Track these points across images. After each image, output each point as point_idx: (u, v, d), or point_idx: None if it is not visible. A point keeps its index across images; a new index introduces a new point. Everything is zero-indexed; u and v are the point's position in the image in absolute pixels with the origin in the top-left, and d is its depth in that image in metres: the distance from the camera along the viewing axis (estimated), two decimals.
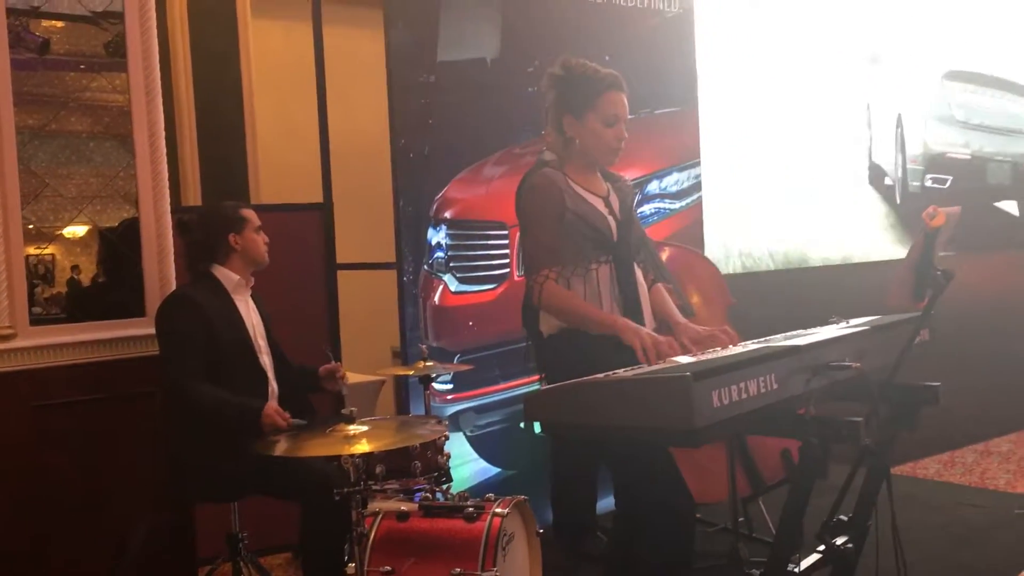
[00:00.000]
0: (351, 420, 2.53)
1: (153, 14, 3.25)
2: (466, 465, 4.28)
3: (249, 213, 3.15)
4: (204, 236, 3.07)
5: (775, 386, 1.89)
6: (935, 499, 4.58)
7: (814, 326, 2.67)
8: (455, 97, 4.18)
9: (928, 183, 6.70)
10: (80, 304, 3.35)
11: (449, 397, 4.23)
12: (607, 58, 4.66)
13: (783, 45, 5.96)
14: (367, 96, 4.70)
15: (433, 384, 4.14)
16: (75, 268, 3.49)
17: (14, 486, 2.98)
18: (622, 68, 4.60)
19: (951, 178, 6.82)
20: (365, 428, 2.53)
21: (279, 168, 5.77)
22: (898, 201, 6.55)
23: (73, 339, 3.10)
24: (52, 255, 3.62)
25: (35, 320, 3.06)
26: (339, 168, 5.09)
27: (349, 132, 5.22)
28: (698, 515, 4.00)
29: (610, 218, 2.68)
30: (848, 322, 2.55)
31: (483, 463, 4.31)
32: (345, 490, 2.47)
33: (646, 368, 1.89)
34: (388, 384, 4.89)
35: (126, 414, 3.15)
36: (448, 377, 4.14)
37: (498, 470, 4.35)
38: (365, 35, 4.93)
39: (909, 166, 6.60)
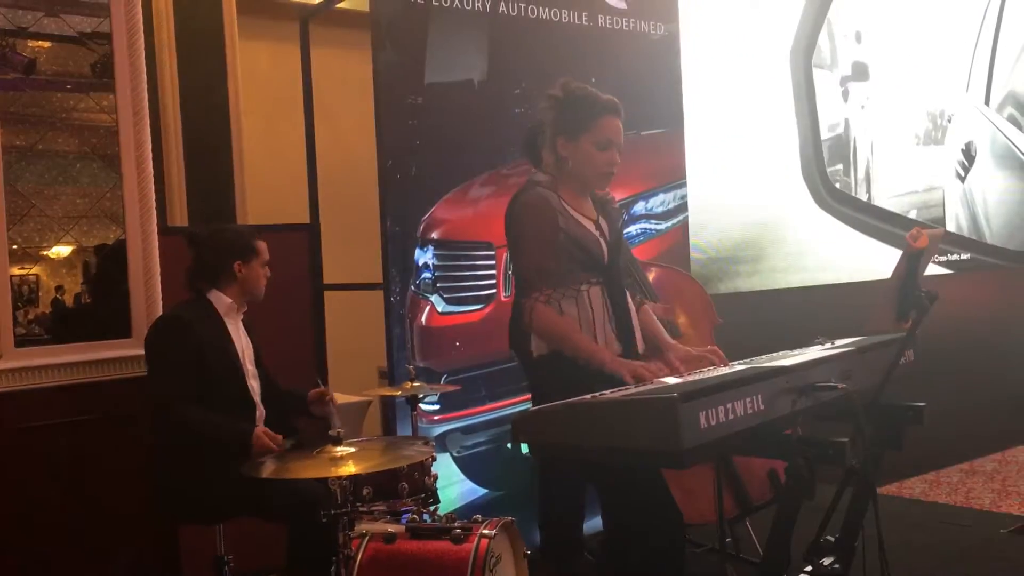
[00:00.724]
0: (338, 442, 2.52)
1: (141, 35, 3.27)
2: (453, 486, 4.26)
3: (261, 246, 3.15)
4: (211, 256, 3.06)
5: (762, 407, 1.90)
6: (921, 518, 4.59)
7: (799, 347, 2.69)
8: (442, 118, 4.19)
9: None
10: (65, 325, 3.35)
11: (436, 418, 4.21)
12: (593, 80, 4.68)
13: (769, 64, 6.03)
14: (354, 117, 4.72)
15: (420, 404, 4.14)
16: (59, 289, 3.48)
17: (2, 504, 2.96)
18: (608, 90, 4.64)
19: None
20: (352, 450, 2.52)
21: (266, 189, 5.77)
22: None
23: (58, 360, 3.09)
24: (36, 275, 3.61)
25: (19, 341, 3.04)
26: (326, 189, 5.10)
27: (336, 152, 5.24)
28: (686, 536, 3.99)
29: (601, 241, 2.69)
30: (833, 342, 2.57)
31: (470, 484, 4.30)
32: (332, 512, 2.46)
33: (633, 389, 1.90)
34: (375, 405, 4.87)
35: (111, 435, 3.13)
36: (435, 397, 4.13)
37: (485, 491, 4.34)
38: (353, 56, 4.94)
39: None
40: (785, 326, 4.65)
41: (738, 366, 2.22)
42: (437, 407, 4.19)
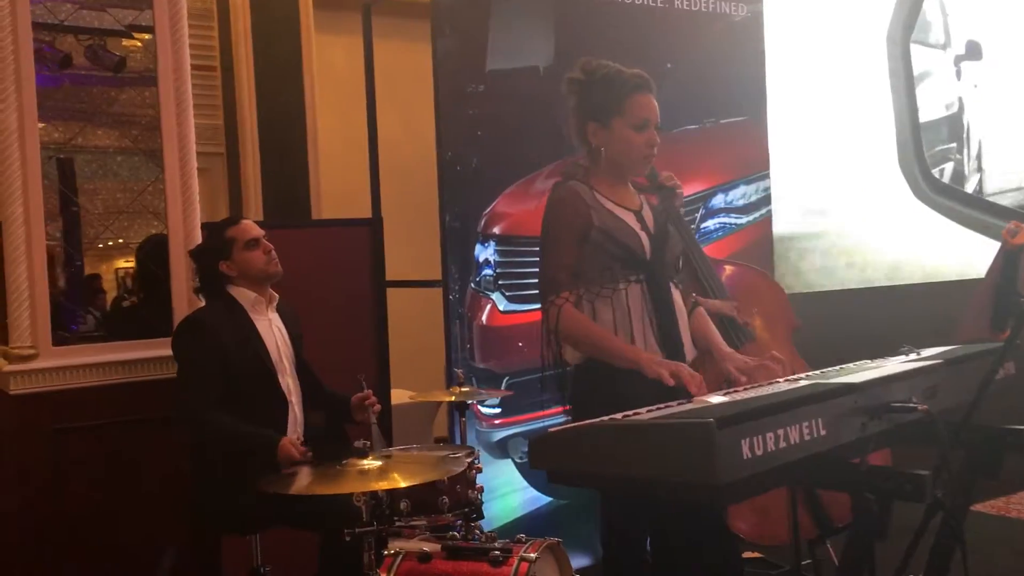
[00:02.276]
0: (364, 454, 2.34)
1: (185, 26, 3.15)
2: (515, 493, 4.06)
3: (235, 230, 2.93)
4: (201, 268, 2.93)
5: (823, 432, 1.63)
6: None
7: (884, 355, 2.39)
8: (505, 107, 3.99)
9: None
10: (114, 323, 3.28)
11: (497, 422, 4.02)
12: (668, 66, 4.42)
13: (861, 46, 5.60)
14: (421, 109, 4.57)
15: (479, 408, 3.96)
16: (122, 285, 3.43)
17: (34, 510, 2.89)
18: (685, 76, 4.43)
19: None
20: (378, 463, 2.34)
21: (341, 184, 5.69)
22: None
23: (97, 360, 3.00)
24: (99, 274, 3.56)
25: (58, 340, 2.97)
26: (396, 183, 4.96)
27: (405, 146, 5.10)
28: (760, 555, 3.71)
29: (642, 234, 2.43)
30: (919, 353, 2.26)
31: (533, 491, 4.09)
32: (356, 530, 2.29)
33: (667, 410, 1.65)
34: (441, 407, 4.73)
35: (151, 438, 3.03)
36: (496, 400, 3.94)
37: (549, 499, 4.12)
38: (422, 48, 4.81)
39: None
40: (872, 330, 4.29)
41: (802, 381, 1.94)
42: (498, 411, 4.00)
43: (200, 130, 5.88)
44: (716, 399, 1.72)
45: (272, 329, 2.95)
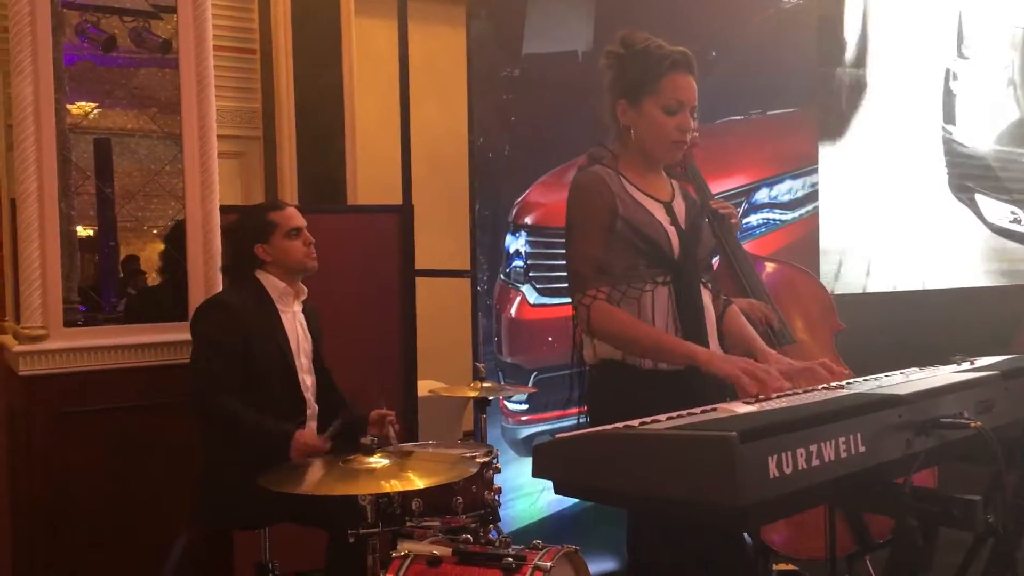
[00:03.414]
0: (371, 452, 2.22)
1: (208, 5, 3.05)
2: (542, 493, 3.92)
3: (279, 216, 2.84)
4: (232, 247, 2.84)
5: (862, 448, 1.46)
6: None
7: (934, 364, 2.21)
8: (541, 93, 3.84)
9: None
10: (135, 305, 3.21)
11: (523, 418, 3.89)
12: (713, 54, 4.23)
13: (925, 33, 5.33)
14: (461, 95, 4.45)
15: (506, 403, 3.82)
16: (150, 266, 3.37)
17: (41, 492, 2.82)
18: (730, 65, 4.23)
19: None
20: (385, 462, 2.22)
21: (378, 170, 5.58)
22: None
23: (107, 343, 2.92)
24: (137, 256, 3.50)
25: (69, 322, 2.89)
26: (433, 170, 4.84)
27: (444, 133, 4.98)
28: (794, 568, 3.52)
29: (671, 229, 2.23)
30: (972, 362, 2.08)
31: None
32: (360, 531, 2.17)
33: (688, 418, 1.50)
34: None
35: (161, 423, 2.95)
36: (523, 396, 3.80)
37: (575, 500, 3.98)
38: (460, 32, 4.69)
39: None
40: (923, 336, 4.08)
41: (842, 390, 1.77)
42: (525, 407, 3.87)
43: (238, 113, 5.86)
44: (744, 409, 1.56)
45: (295, 323, 2.86)
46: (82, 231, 3.26)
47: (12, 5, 2.76)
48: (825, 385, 1.94)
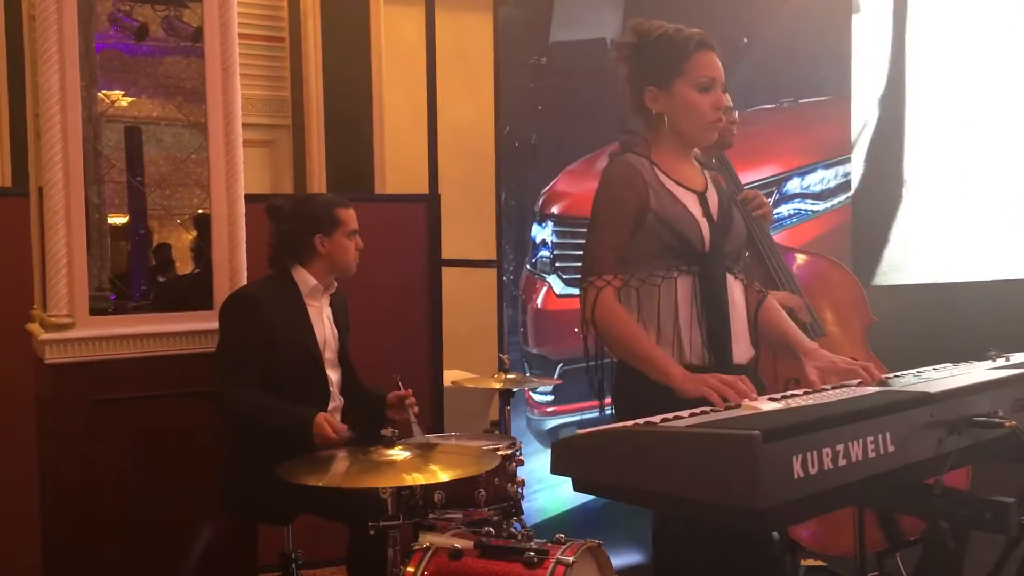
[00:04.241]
0: (391, 444, 2.20)
1: None
2: (566, 485, 3.89)
3: (345, 214, 2.85)
4: (290, 230, 2.82)
5: (890, 448, 1.42)
6: None
7: (969, 358, 2.15)
8: (569, 81, 3.80)
9: None
10: (161, 294, 3.21)
11: (549, 410, 3.86)
12: (745, 40, 4.16)
13: (971, 24, 5.18)
14: (489, 83, 4.41)
15: (531, 394, 3.80)
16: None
17: (67, 480, 2.83)
18: (762, 52, 4.15)
19: None
20: (407, 454, 2.20)
21: (406, 159, 5.57)
22: None
23: (134, 331, 2.91)
24: (169, 244, 3.51)
25: (98, 310, 2.89)
26: (461, 158, 4.81)
27: (472, 121, 4.95)
28: (823, 564, 3.47)
29: (703, 221, 2.18)
30: (1008, 358, 2.01)
31: None
32: (380, 524, 2.15)
33: (711, 416, 1.46)
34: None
35: (187, 412, 2.94)
36: (549, 388, 3.77)
37: None
38: (488, 18, 4.64)
39: None
40: (960, 330, 3.99)
41: (871, 388, 1.72)
42: (550, 398, 3.84)
43: (267, 102, 5.86)
44: (769, 406, 1.52)
45: (322, 317, 2.87)
46: (115, 219, 3.28)
47: None
48: (873, 381, 1.88)
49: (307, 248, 2.82)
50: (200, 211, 3.20)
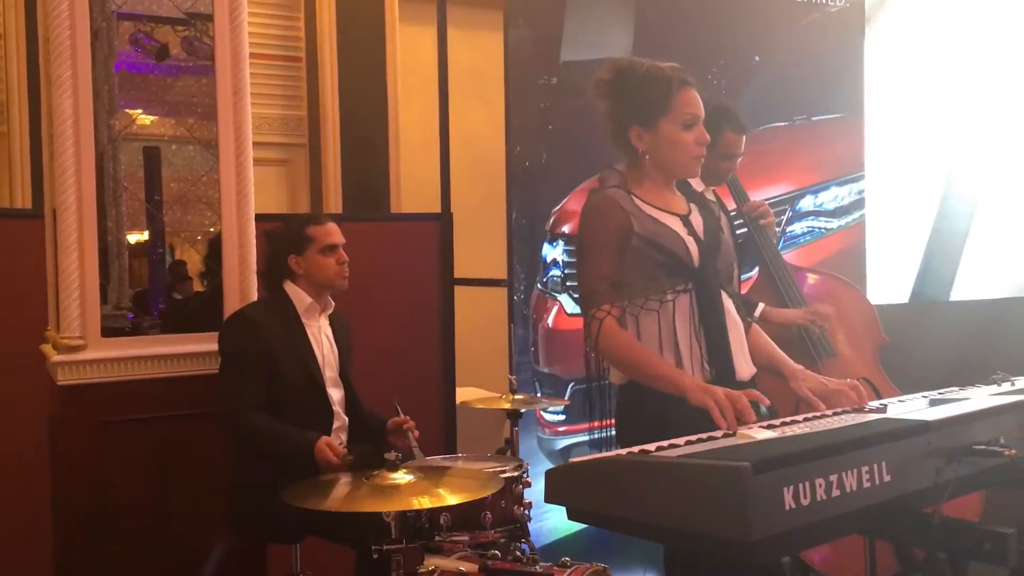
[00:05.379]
0: (395, 467, 2.21)
1: (244, 11, 3.06)
2: None
3: (318, 231, 2.85)
4: (269, 254, 2.86)
5: (886, 478, 1.41)
6: None
7: (977, 380, 2.13)
8: (579, 101, 3.76)
9: None
10: (173, 315, 3.24)
11: (561, 429, 3.86)
12: (756, 59, 4.16)
13: (977, 40, 5.16)
14: (501, 103, 4.43)
15: (542, 414, 3.79)
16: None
17: (80, 501, 2.85)
18: (774, 70, 4.15)
19: None
20: (410, 477, 2.20)
21: (422, 178, 5.59)
22: None
23: (145, 352, 2.94)
24: (185, 261, 3.55)
25: (107, 332, 2.92)
26: (475, 178, 4.82)
27: (484, 141, 4.97)
28: None
29: (690, 239, 2.21)
30: (1014, 382, 2.00)
31: None
32: (384, 547, 2.16)
33: (705, 444, 1.45)
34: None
35: (199, 433, 2.96)
36: (560, 407, 3.77)
37: None
38: (499, 39, 4.67)
39: None
40: (974, 349, 3.95)
41: (867, 416, 1.71)
42: (561, 417, 3.83)
43: (284, 121, 5.91)
44: (763, 435, 1.51)
45: (321, 336, 2.87)
46: (132, 236, 3.31)
47: (52, 18, 2.80)
48: (852, 409, 1.89)
49: (286, 270, 2.84)
50: (211, 230, 3.23)
